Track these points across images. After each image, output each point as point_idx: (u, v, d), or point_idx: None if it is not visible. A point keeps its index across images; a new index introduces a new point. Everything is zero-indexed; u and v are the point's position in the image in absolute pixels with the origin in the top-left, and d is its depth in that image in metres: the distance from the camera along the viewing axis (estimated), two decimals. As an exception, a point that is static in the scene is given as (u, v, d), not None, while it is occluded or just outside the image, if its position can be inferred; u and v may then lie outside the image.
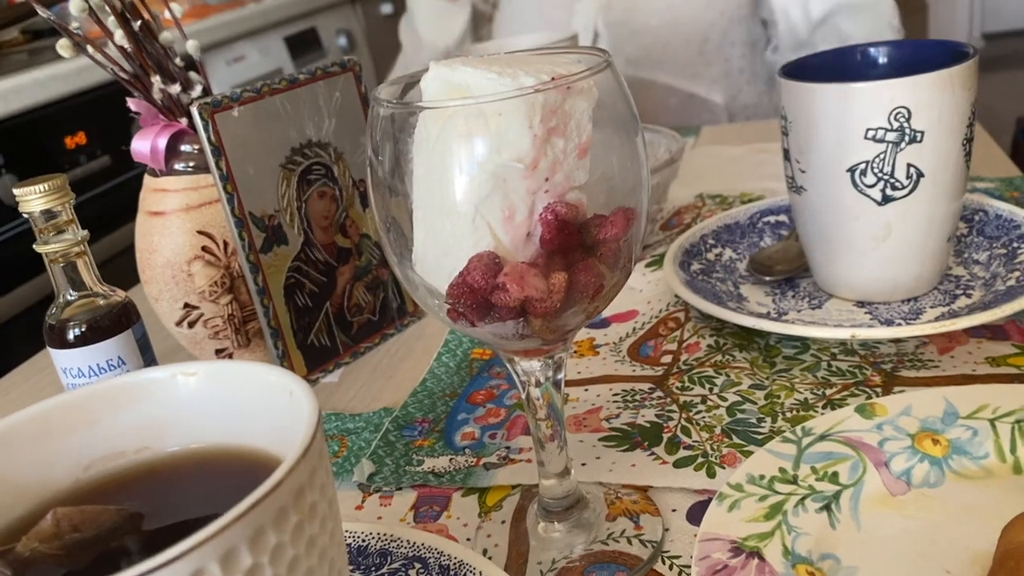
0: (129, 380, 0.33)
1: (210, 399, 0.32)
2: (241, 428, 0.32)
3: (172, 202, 0.60)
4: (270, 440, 0.31)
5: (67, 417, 0.32)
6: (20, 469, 0.31)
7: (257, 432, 0.31)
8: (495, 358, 0.63)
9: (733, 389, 0.54)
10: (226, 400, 0.32)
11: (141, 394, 0.33)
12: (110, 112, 1.53)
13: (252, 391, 0.31)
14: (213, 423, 0.32)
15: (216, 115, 0.57)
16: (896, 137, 0.54)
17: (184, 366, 0.32)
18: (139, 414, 0.33)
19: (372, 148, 0.38)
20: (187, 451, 0.33)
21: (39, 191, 0.46)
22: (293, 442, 0.28)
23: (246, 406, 0.32)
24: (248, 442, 0.32)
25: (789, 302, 0.62)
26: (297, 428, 0.28)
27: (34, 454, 0.32)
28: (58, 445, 0.32)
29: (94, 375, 0.48)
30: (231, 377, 0.32)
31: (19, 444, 0.31)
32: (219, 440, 0.32)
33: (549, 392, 0.41)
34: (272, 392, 0.31)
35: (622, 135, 0.37)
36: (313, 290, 0.64)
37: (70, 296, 0.48)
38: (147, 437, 0.33)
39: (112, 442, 0.33)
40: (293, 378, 0.30)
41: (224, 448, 0.32)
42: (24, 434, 0.31)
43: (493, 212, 0.36)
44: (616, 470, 0.48)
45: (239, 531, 0.23)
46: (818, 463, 0.45)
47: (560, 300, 0.36)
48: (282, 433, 0.30)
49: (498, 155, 0.35)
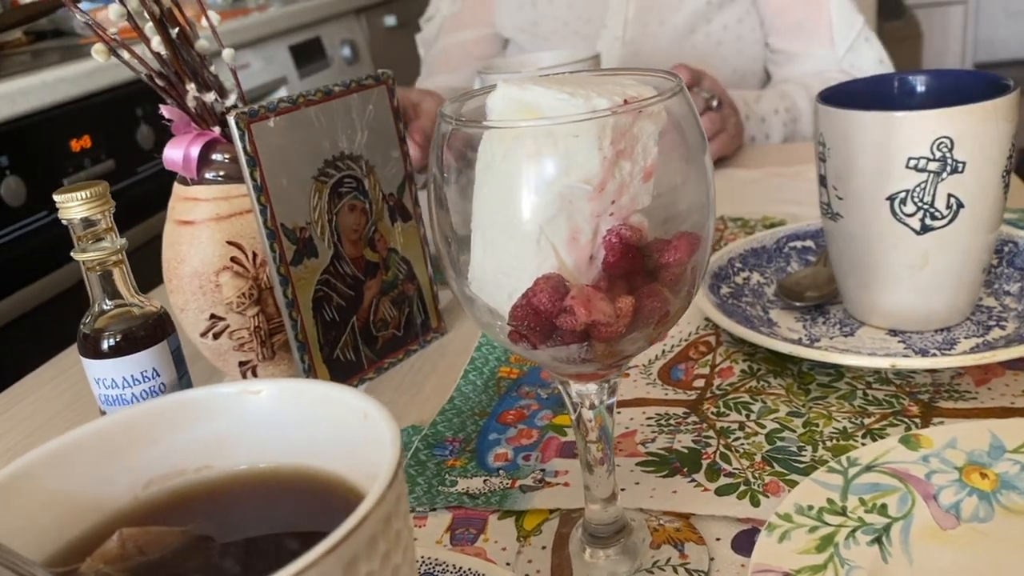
0: (191, 397, 0.32)
1: (276, 418, 0.31)
2: (308, 449, 0.31)
3: (202, 211, 0.60)
4: (340, 462, 0.30)
5: (127, 434, 0.31)
6: (80, 486, 0.30)
7: (325, 453, 0.31)
8: (523, 377, 0.63)
9: (771, 416, 0.54)
10: (293, 419, 0.31)
11: (203, 412, 0.32)
12: (116, 116, 1.52)
13: (321, 411, 0.31)
14: (278, 443, 0.31)
15: (252, 125, 0.56)
16: (938, 167, 0.54)
17: (249, 383, 0.32)
18: (201, 432, 0.32)
19: (436, 165, 0.38)
20: (250, 471, 0.32)
21: (80, 198, 0.45)
22: (372, 466, 0.27)
23: (314, 426, 0.31)
24: (316, 463, 0.31)
25: (820, 329, 0.62)
26: (377, 453, 0.27)
27: (94, 471, 0.31)
28: (118, 462, 0.31)
29: (127, 386, 0.47)
30: (300, 396, 0.31)
31: (79, 461, 0.30)
32: (284, 460, 0.31)
33: (602, 415, 0.41)
34: (344, 413, 0.30)
35: (690, 159, 0.37)
36: (340, 304, 0.63)
37: (105, 306, 0.48)
38: (209, 456, 0.32)
39: (173, 460, 0.32)
40: (367, 399, 0.29)
41: (290, 469, 0.31)
42: (84, 450, 0.31)
43: (558, 233, 0.36)
44: (657, 496, 0.48)
45: (335, 561, 0.23)
46: (866, 494, 0.44)
47: (626, 325, 0.35)
48: (354, 455, 0.29)
49: (566, 176, 0.35)
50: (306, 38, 2.16)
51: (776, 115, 1.12)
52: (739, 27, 1.23)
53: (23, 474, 0.29)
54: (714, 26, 1.23)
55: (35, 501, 0.29)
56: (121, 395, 0.47)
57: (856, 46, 1.18)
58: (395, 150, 0.66)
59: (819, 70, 1.19)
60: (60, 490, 0.30)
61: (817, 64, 1.20)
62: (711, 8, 1.22)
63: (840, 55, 1.19)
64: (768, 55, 1.27)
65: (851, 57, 1.18)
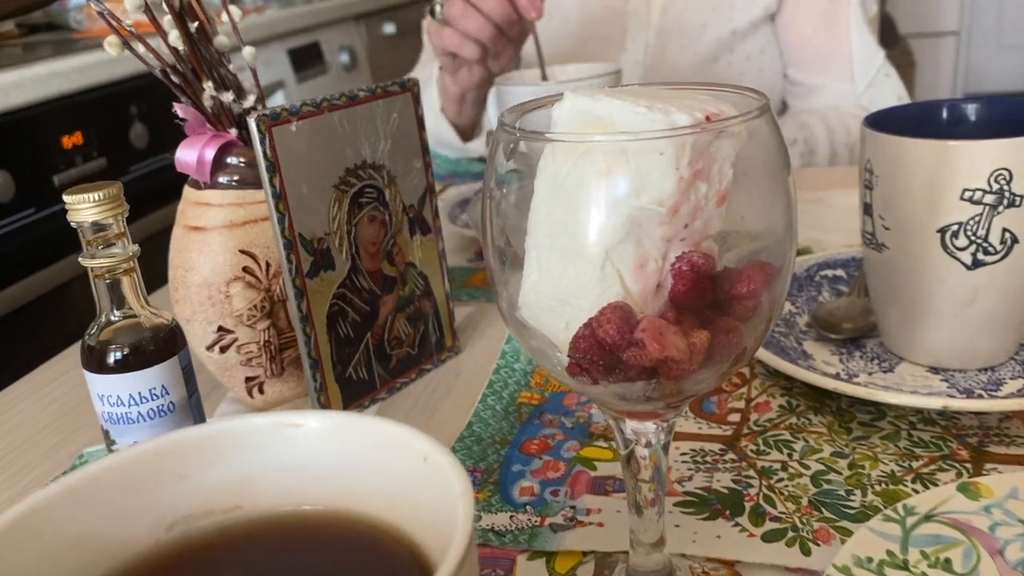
0: (222, 429, 0.29)
1: (320, 456, 0.28)
2: (357, 492, 0.28)
3: (214, 217, 0.56)
4: (395, 510, 0.27)
5: (151, 469, 0.28)
6: (96, 526, 0.27)
7: (377, 498, 0.27)
8: (545, 403, 0.60)
9: (814, 456, 0.51)
10: (339, 458, 0.28)
11: (235, 446, 0.29)
12: (110, 113, 1.48)
13: (373, 450, 0.27)
14: (322, 484, 0.28)
15: (274, 128, 0.53)
16: (994, 200, 0.52)
17: (288, 415, 0.28)
18: (232, 468, 0.29)
19: (494, 179, 0.35)
20: (286, 514, 0.28)
21: (92, 200, 0.41)
22: (435, 517, 0.24)
23: (364, 467, 0.28)
24: (365, 509, 0.27)
25: (858, 363, 0.59)
26: (442, 503, 0.24)
27: (113, 509, 0.27)
28: (139, 500, 0.28)
29: (134, 404, 0.43)
30: (348, 432, 0.28)
31: (97, 498, 0.27)
32: (326, 503, 0.28)
33: (657, 454, 0.38)
34: (399, 453, 0.27)
35: (771, 184, 0.34)
36: (356, 319, 0.60)
37: (113, 316, 0.44)
38: (240, 495, 0.29)
39: (200, 499, 0.28)
40: (428, 440, 0.26)
41: (336, 513, 0.28)
42: (103, 487, 0.27)
43: (625, 259, 0.33)
44: (700, 541, 0.45)
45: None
46: (928, 547, 0.41)
47: (699, 363, 0.32)
48: (411, 503, 0.26)
49: (638, 197, 0.32)
50: (305, 43, 2.13)
51: (794, 145, 1.10)
52: (761, 58, 1.21)
53: (33, 514, 0.26)
54: (737, 55, 1.20)
55: (46, 544, 0.26)
56: (127, 413, 0.43)
57: (876, 82, 1.16)
58: (418, 160, 0.63)
59: (837, 104, 1.17)
60: (73, 532, 0.26)
61: (836, 98, 1.18)
62: (735, 38, 1.19)
63: (860, 91, 1.17)
64: (787, 87, 1.24)
65: (871, 93, 1.16)
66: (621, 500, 0.49)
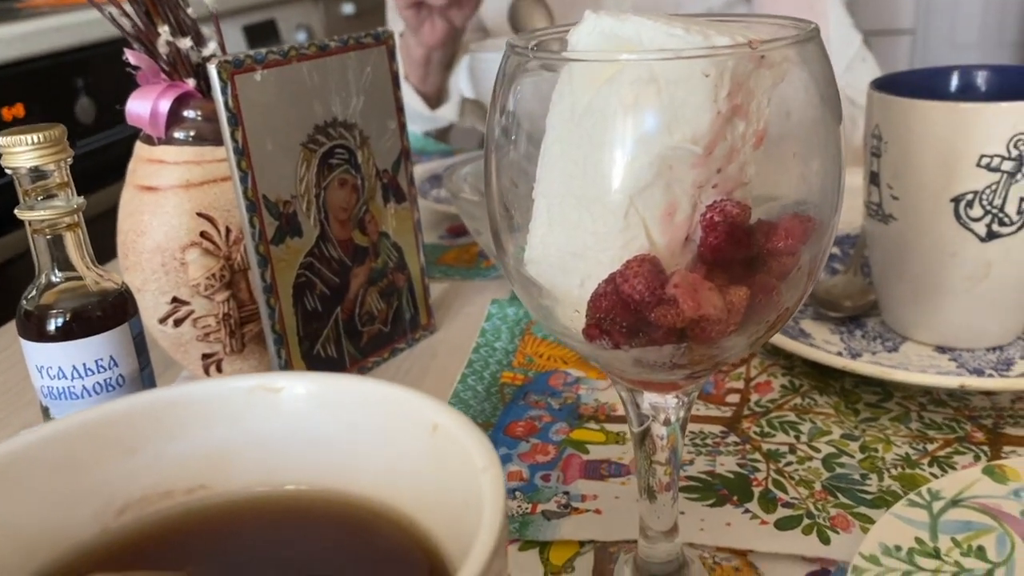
0: (184, 394, 0.24)
1: (303, 425, 0.23)
2: (348, 467, 0.23)
3: (169, 176, 0.51)
4: (393, 489, 0.22)
5: (96, 443, 0.23)
6: (30, 512, 0.22)
7: (370, 475, 0.23)
8: (529, 384, 0.55)
9: (824, 439, 0.47)
10: (326, 428, 0.23)
11: (200, 415, 0.24)
12: (54, 85, 1.40)
13: (368, 418, 0.23)
14: (304, 459, 0.24)
15: (236, 77, 0.48)
16: (1012, 167, 0.48)
17: (265, 377, 0.24)
18: (195, 442, 0.24)
19: (500, 112, 0.30)
20: (263, 495, 0.24)
21: (29, 143, 0.36)
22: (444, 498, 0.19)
23: (355, 437, 0.23)
24: (355, 488, 0.23)
25: (860, 342, 0.56)
26: (457, 481, 0.20)
27: (48, 491, 0.22)
28: (81, 480, 0.23)
29: (77, 377, 0.38)
30: (337, 397, 0.23)
31: (30, 477, 0.22)
32: (310, 481, 0.24)
33: (675, 434, 0.34)
34: (402, 422, 0.22)
35: (819, 126, 0.30)
36: (324, 292, 0.55)
37: (54, 277, 0.39)
38: (205, 473, 0.24)
39: (156, 478, 0.24)
40: (438, 405, 0.22)
41: (318, 493, 0.23)
42: (37, 464, 0.22)
43: (652, 207, 0.29)
44: (709, 529, 0.41)
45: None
46: (958, 534, 0.38)
47: (737, 323, 0.28)
48: (413, 481, 0.22)
49: (669, 134, 0.28)
50: (261, 19, 2.06)
51: None
52: None
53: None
54: None
55: (-36, 532, 0.21)
56: (70, 387, 0.38)
57: (853, 66, 1.14)
58: (392, 120, 0.58)
59: None
60: (4, 519, 0.22)
61: None
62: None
63: (838, 73, 1.14)
64: None
65: (848, 77, 1.14)
66: (618, 485, 0.45)
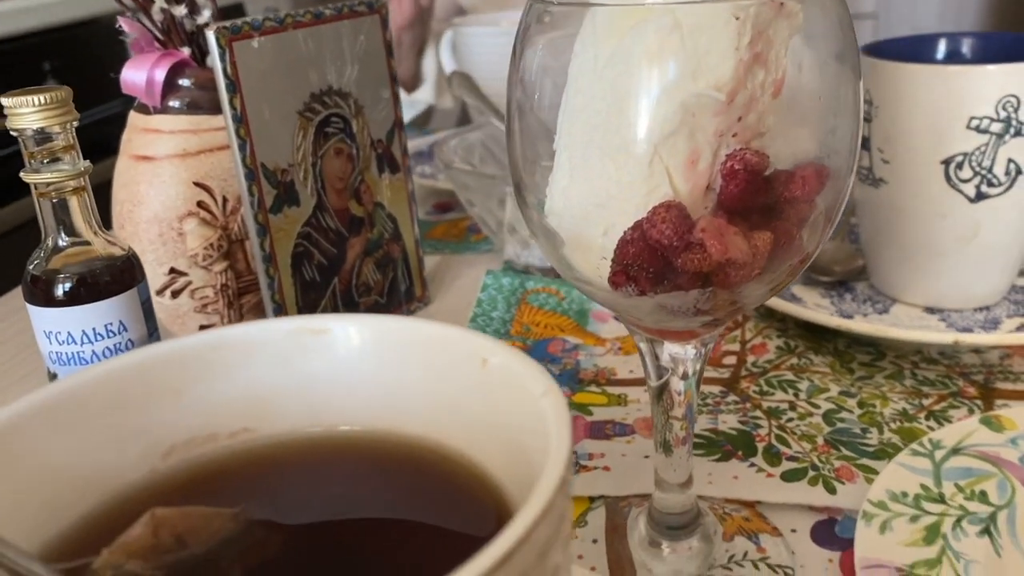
0: (229, 336, 0.24)
1: (348, 367, 0.24)
2: (393, 407, 0.23)
3: (165, 146, 0.51)
4: (444, 427, 0.23)
5: (144, 383, 0.23)
6: (83, 451, 0.22)
7: (417, 414, 0.23)
8: (528, 351, 0.56)
9: (822, 396, 0.48)
10: (373, 369, 0.24)
11: (245, 356, 0.24)
12: (20, 69, 1.38)
13: (416, 357, 0.23)
14: (351, 400, 0.24)
15: (234, 43, 0.48)
16: (1001, 128, 0.50)
17: (311, 319, 0.24)
18: (240, 384, 0.24)
19: (517, 63, 0.30)
20: (309, 436, 0.24)
21: (35, 104, 0.36)
22: (500, 437, 0.20)
23: (404, 377, 0.23)
24: (405, 428, 0.23)
25: (850, 305, 0.57)
26: (512, 420, 0.20)
27: (100, 432, 0.22)
28: (131, 421, 0.23)
29: (87, 342, 0.38)
30: (383, 336, 0.23)
31: (82, 417, 0.22)
32: (360, 422, 0.24)
33: (691, 389, 0.34)
34: (451, 359, 0.22)
35: (837, 75, 0.31)
36: (322, 262, 0.55)
37: (61, 242, 0.38)
38: (249, 415, 0.24)
39: (202, 419, 0.24)
40: (487, 339, 0.22)
41: (368, 433, 0.24)
42: (88, 404, 0.22)
43: (675, 155, 0.29)
44: (717, 482, 0.42)
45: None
46: (961, 480, 0.39)
47: (762, 266, 0.29)
48: (467, 418, 0.22)
49: (693, 81, 0.28)
50: (228, 2, 2.03)
51: None
52: None
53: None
54: None
55: (18, 474, 0.21)
56: (79, 352, 0.38)
57: None
58: (386, 90, 0.58)
59: None
60: (50, 461, 0.22)
61: None
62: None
63: None
64: None
65: None
66: (624, 444, 0.45)
